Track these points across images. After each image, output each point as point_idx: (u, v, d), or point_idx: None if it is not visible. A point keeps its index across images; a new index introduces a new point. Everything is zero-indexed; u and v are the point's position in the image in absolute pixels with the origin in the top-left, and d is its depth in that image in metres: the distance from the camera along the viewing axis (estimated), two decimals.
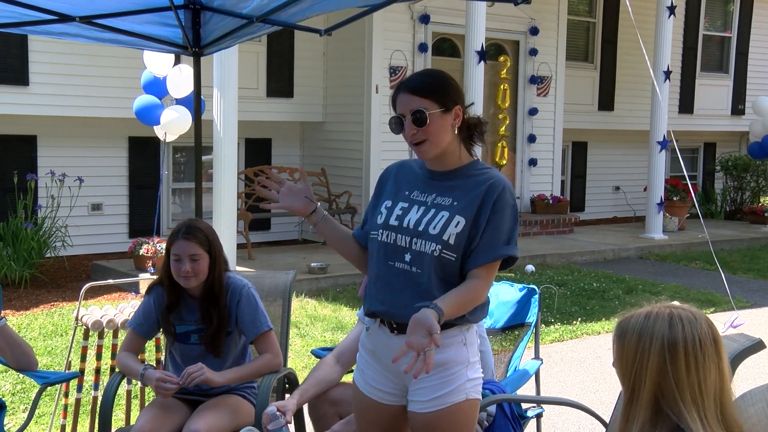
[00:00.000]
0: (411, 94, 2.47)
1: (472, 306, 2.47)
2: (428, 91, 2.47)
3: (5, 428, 3.47)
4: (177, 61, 7.36)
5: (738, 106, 14.55)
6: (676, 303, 2.12)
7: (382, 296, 2.52)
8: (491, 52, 10.69)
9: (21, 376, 4.65)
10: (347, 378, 4.13)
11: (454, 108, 2.50)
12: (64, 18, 4.00)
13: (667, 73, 11.08)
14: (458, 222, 2.45)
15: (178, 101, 7.42)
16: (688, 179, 5.86)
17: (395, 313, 2.50)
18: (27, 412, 4.09)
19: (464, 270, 2.47)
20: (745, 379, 4.74)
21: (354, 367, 2.75)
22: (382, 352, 2.57)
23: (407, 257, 2.49)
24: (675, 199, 12.14)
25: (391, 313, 2.51)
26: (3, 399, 3.62)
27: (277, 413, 2.84)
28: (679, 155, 5.88)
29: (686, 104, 13.78)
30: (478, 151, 2.72)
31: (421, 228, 2.48)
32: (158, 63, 7.26)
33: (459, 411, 2.49)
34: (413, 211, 2.52)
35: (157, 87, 7.42)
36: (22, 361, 3.37)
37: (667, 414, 1.86)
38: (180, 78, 7.21)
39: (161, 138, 7.65)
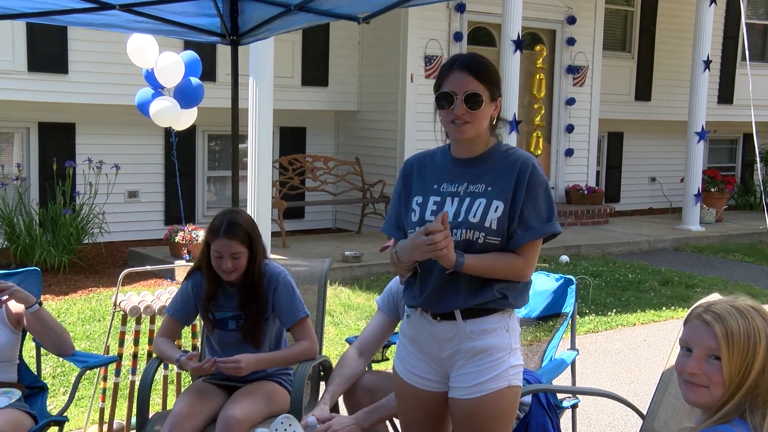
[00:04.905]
0: (469, 75, 2.45)
1: (504, 274, 2.46)
2: (484, 76, 2.47)
3: (47, 410, 3.53)
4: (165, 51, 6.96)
5: None
6: (717, 295, 2.09)
7: (424, 288, 2.52)
8: (527, 42, 10.58)
9: (61, 359, 4.73)
10: (380, 366, 4.15)
11: (497, 99, 2.52)
12: (103, 6, 4.03)
13: (707, 63, 10.90)
14: (497, 207, 2.45)
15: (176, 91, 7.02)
16: (759, 164, 5.77)
17: (438, 304, 2.50)
18: (67, 395, 4.17)
19: (509, 251, 2.48)
20: None
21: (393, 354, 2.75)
22: (424, 340, 2.56)
23: None
24: (713, 190, 11.95)
25: (434, 304, 2.50)
26: (44, 381, 3.68)
27: (318, 424, 2.90)
28: (755, 144, 5.76)
29: (726, 94, 13.53)
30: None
31: (460, 218, 2.47)
32: (142, 55, 6.77)
33: (501, 397, 2.49)
34: (447, 204, 2.51)
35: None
36: (57, 344, 3.43)
37: (737, 407, 1.83)
38: (167, 67, 6.78)
39: (173, 127, 7.36)
